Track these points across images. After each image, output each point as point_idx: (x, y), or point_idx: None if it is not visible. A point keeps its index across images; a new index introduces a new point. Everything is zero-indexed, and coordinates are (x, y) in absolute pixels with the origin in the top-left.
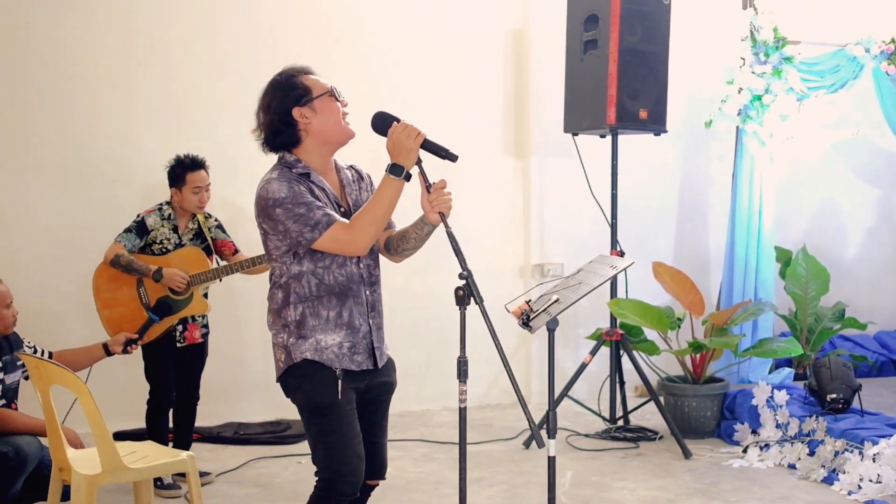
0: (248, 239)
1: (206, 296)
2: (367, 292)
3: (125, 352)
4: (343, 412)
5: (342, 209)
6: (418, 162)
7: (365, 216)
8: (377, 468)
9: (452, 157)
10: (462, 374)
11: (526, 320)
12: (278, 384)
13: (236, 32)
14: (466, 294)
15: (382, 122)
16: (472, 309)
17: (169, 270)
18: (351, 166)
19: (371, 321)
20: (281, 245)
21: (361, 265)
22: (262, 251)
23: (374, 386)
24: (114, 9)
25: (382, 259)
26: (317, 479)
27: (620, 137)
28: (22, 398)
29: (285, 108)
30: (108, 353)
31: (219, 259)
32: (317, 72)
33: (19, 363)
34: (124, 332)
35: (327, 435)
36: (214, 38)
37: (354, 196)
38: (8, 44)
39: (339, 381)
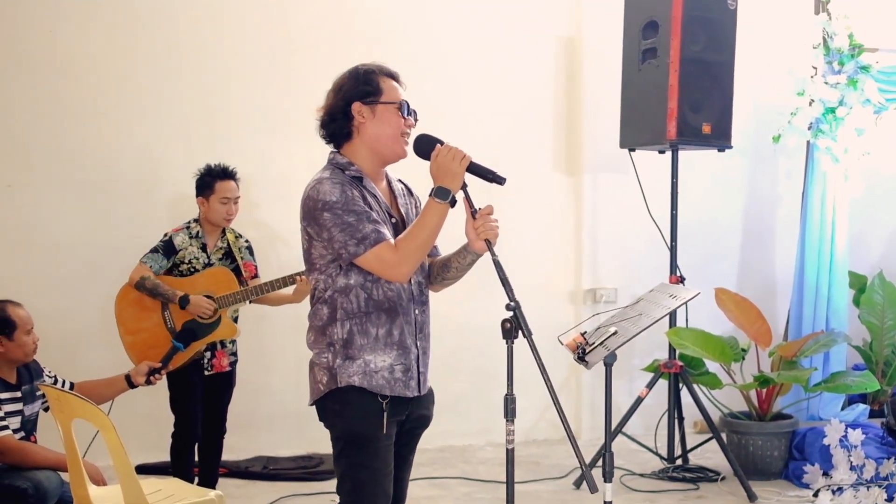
0: (280, 261)
1: (235, 319)
2: (417, 311)
3: (148, 383)
4: (381, 447)
5: (394, 220)
6: (463, 186)
7: (411, 240)
8: None
9: (500, 180)
10: (510, 412)
11: (581, 354)
12: (312, 408)
13: (269, 43)
14: (514, 327)
15: (425, 145)
16: (519, 338)
17: (196, 298)
18: (399, 180)
19: (419, 343)
20: (326, 253)
21: (413, 282)
22: (297, 270)
23: (412, 419)
24: (140, 18)
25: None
26: None
27: (681, 153)
28: (41, 429)
29: (349, 98)
30: (132, 384)
31: (244, 281)
32: (404, 82)
33: (39, 393)
34: (147, 362)
35: (359, 469)
36: (245, 49)
37: (406, 209)
38: (30, 54)
39: (385, 414)
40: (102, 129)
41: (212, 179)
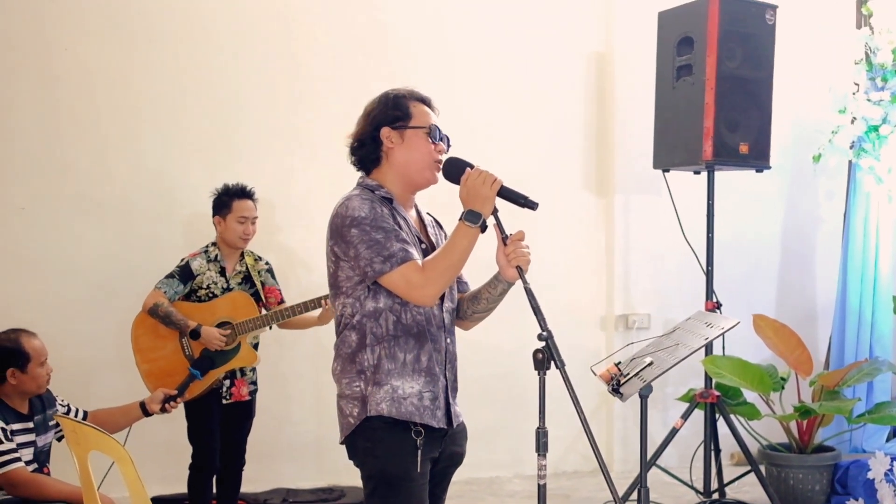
0: (300, 286)
1: (255, 346)
2: (448, 340)
3: (163, 410)
4: (416, 488)
5: (423, 245)
6: (494, 211)
7: (438, 262)
8: None
9: (532, 205)
10: (542, 446)
11: (616, 386)
12: (334, 439)
13: (290, 58)
14: (547, 357)
15: (455, 169)
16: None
17: (208, 330)
18: (429, 213)
19: (447, 373)
20: (353, 275)
21: (443, 309)
22: (318, 294)
23: (445, 456)
24: (156, 34)
25: None
26: None
27: (717, 174)
28: (54, 460)
29: (378, 123)
30: (146, 412)
31: (265, 306)
32: (436, 107)
33: (52, 423)
34: (163, 389)
35: None
36: (267, 66)
37: (434, 239)
38: (43, 70)
39: (419, 452)
40: (117, 149)
41: (229, 198)
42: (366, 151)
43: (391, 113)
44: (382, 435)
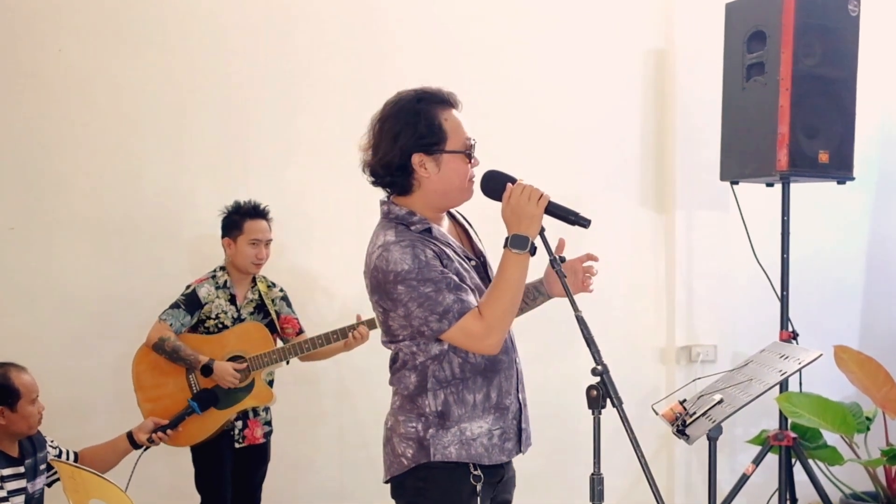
0: (320, 313)
1: (270, 383)
2: (516, 359)
3: (150, 441)
4: None
5: (473, 261)
6: (541, 231)
7: (496, 306)
8: None
9: (584, 223)
10: (597, 495)
11: (681, 427)
12: (359, 486)
13: (311, 60)
14: (602, 394)
15: (496, 184)
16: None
17: (221, 366)
18: (457, 212)
19: (520, 395)
20: (406, 325)
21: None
22: (335, 327)
23: (500, 490)
24: (161, 34)
25: None
26: None
27: (793, 186)
28: None
29: (408, 149)
30: (135, 444)
31: (281, 338)
32: (460, 101)
33: (42, 467)
34: (153, 418)
35: None
36: (281, 69)
37: (480, 246)
38: (34, 75)
39: (478, 498)
40: (117, 163)
41: (240, 218)
42: (394, 179)
43: (424, 138)
44: (439, 476)
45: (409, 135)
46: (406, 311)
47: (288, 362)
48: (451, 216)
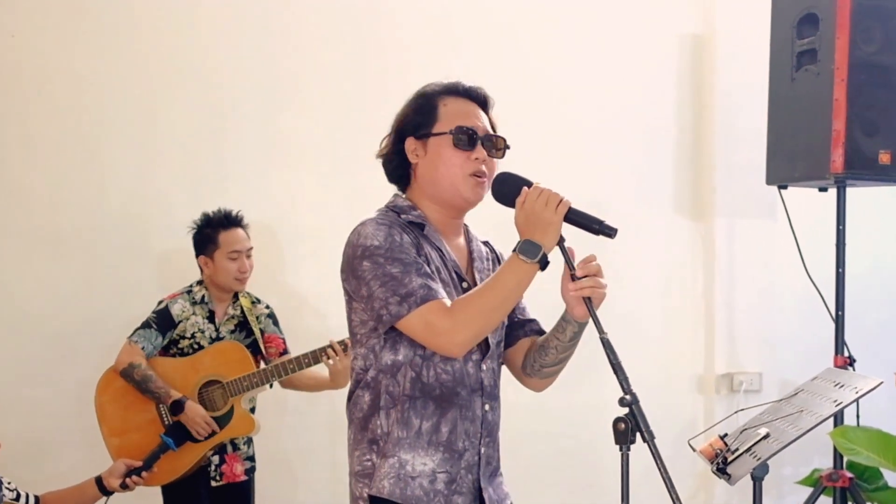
0: (310, 334)
1: (252, 410)
2: (485, 407)
3: (124, 486)
4: None
5: (465, 284)
6: (561, 240)
7: (473, 302)
8: None
9: (610, 232)
10: None
11: (722, 464)
12: None
13: (295, 51)
14: (630, 428)
15: (508, 188)
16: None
17: (193, 409)
18: (486, 242)
19: (483, 449)
20: (367, 319)
21: (484, 366)
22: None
23: None
24: (128, 19)
25: (506, 372)
26: None
27: (849, 190)
28: None
29: (402, 131)
30: (105, 490)
31: (264, 359)
32: (491, 97)
33: None
34: (124, 460)
35: None
36: (262, 61)
37: (484, 276)
38: None
39: None
40: (78, 164)
41: (213, 231)
42: (392, 168)
43: (416, 118)
44: None
45: (403, 114)
46: (368, 290)
47: (272, 386)
48: (469, 241)
